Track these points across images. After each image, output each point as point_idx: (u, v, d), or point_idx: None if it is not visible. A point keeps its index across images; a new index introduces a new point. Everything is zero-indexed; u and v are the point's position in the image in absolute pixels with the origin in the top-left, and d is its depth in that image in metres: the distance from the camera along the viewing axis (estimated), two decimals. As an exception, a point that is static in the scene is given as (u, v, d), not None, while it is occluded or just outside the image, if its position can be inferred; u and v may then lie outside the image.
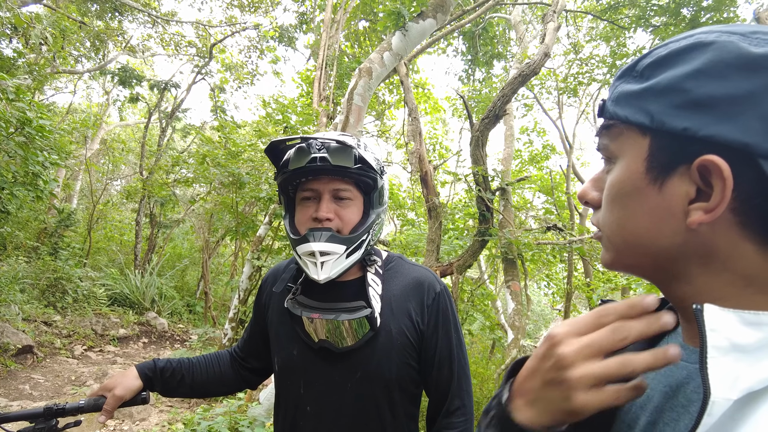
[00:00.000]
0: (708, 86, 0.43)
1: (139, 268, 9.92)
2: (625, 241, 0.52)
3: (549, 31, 5.50)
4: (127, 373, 1.21)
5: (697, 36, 0.46)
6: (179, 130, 12.93)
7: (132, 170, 14.68)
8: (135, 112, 18.02)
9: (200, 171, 6.16)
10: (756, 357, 0.40)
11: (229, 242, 10.85)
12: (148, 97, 13.19)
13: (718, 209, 0.43)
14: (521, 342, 4.94)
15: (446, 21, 5.13)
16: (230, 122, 7.64)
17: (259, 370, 1.37)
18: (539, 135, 9.89)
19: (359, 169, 1.08)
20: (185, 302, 10.30)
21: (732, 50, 0.43)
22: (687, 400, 0.47)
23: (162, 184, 9.20)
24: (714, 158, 0.42)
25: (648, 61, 0.49)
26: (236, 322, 5.37)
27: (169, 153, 11.20)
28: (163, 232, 11.51)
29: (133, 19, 11.62)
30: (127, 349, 7.22)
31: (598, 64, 8.60)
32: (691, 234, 0.46)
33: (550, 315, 13.16)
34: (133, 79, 10.75)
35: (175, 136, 13.70)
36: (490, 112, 5.01)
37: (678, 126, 0.44)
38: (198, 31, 12.26)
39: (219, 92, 12.07)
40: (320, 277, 1.06)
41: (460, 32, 8.17)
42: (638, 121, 0.48)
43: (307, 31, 10.03)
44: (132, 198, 10.69)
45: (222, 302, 9.50)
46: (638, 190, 0.49)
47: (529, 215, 7.71)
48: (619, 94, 0.51)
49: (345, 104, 3.88)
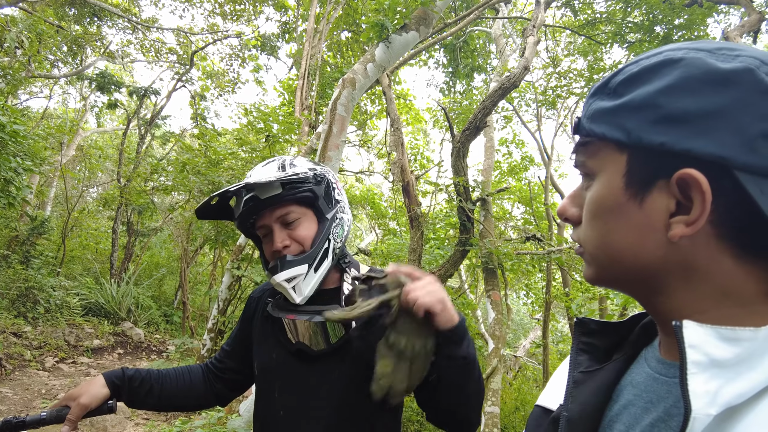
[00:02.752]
0: (681, 101, 0.44)
1: (115, 277, 9.70)
2: (607, 256, 0.52)
3: (529, 45, 5.62)
4: (94, 381, 1.16)
5: (665, 53, 0.47)
6: (159, 137, 12.76)
7: (109, 177, 14.41)
8: (113, 119, 17.73)
9: (179, 179, 6.09)
10: (734, 372, 0.40)
11: (208, 251, 10.72)
12: (127, 103, 13.01)
13: (698, 222, 0.43)
14: (501, 351, 4.98)
15: (429, 34, 5.21)
16: (211, 130, 7.58)
17: (234, 383, 1.35)
18: (518, 147, 10.04)
19: (290, 190, 1.12)
20: (162, 312, 10.09)
21: (701, 66, 0.44)
22: (667, 414, 0.47)
23: (140, 191, 9.06)
24: (692, 172, 0.42)
25: (620, 78, 0.50)
26: (215, 332, 5.29)
27: (148, 160, 11.02)
28: (141, 241, 11.30)
29: (112, 24, 11.48)
30: (102, 360, 7.04)
31: (576, 77, 8.80)
32: (672, 248, 0.46)
33: (529, 324, 13.28)
34: (111, 84, 10.60)
35: (155, 144, 13.52)
36: (470, 124, 5.08)
37: (655, 141, 0.45)
38: (179, 38, 12.18)
39: (200, 100, 11.97)
40: (297, 300, 1.12)
41: (442, 45, 8.29)
42: (615, 137, 0.48)
43: (290, 41, 10.05)
44: (109, 206, 10.50)
45: (200, 312, 9.36)
46: (618, 206, 0.49)
47: (509, 225, 7.81)
48: (594, 112, 0.51)
49: (328, 114, 3.90)
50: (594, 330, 0.63)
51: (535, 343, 10.06)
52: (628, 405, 0.52)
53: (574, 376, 0.61)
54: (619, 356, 0.60)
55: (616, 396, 0.55)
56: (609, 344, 0.63)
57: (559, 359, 10.58)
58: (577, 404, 0.58)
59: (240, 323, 1.34)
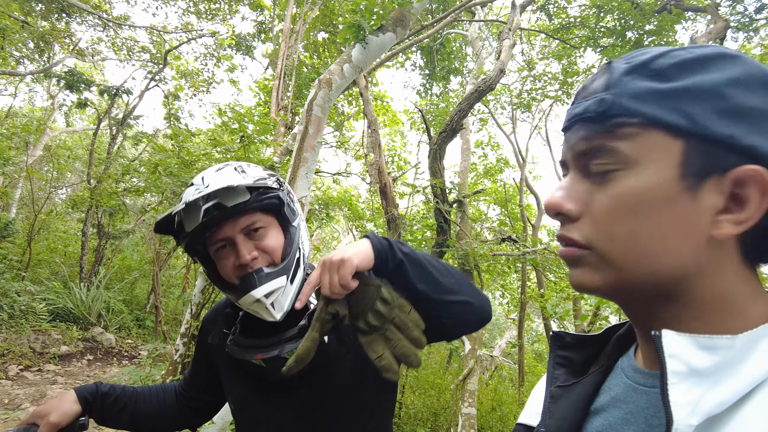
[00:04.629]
0: (746, 97, 0.42)
1: (84, 281, 9.42)
2: (631, 257, 0.46)
3: (504, 48, 5.69)
4: (65, 397, 1.10)
5: (718, 48, 0.45)
6: (130, 137, 12.48)
7: (79, 178, 14.01)
8: (83, 118, 17.26)
9: (152, 180, 5.96)
10: (713, 381, 0.40)
11: (181, 254, 10.52)
12: (98, 102, 12.66)
13: (748, 221, 0.42)
14: (478, 352, 5.01)
15: (406, 35, 5.22)
16: (184, 130, 7.44)
17: (201, 410, 1.28)
18: (494, 149, 10.16)
19: (258, 196, 1.02)
20: (135, 316, 9.85)
21: (760, 67, 0.43)
22: (648, 425, 0.46)
23: (111, 193, 8.82)
24: (759, 168, 0.41)
25: (671, 61, 0.45)
26: (188, 337, 5.19)
27: (120, 161, 10.75)
28: (112, 244, 11.02)
29: (82, 21, 11.16)
30: (70, 367, 6.82)
31: (551, 80, 8.96)
32: (705, 250, 0.44)
33: (505, 324, 13.43)
34: (81, 83, 10.29)
35: (126, 144, 13.21)
36: (447, 126, 5.11)
37: (724, 132, 0.42)
38: (152, 36, 11.91)
39: (173, 99, 11.74)
40: (277, 317, 1.00)
41: (418, 47, 8.32)
42: (674, 121, 0.44)
43: (266, 41, 9.96)
44: (78, 207, 10.19)
45: (173, 316, 9.17)
46: (669, 199, 0.44)
47: (485, 227, 7.88)
48: (639, 90, 0.45)
49: (304, 115, 3.86)
50: (570, 343, 0.63)
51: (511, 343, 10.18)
52: (608, 418, 0.51)
53: (552, 391, 0.60)
54: (595, 369, 0.59)
55: (594, 409, 0.54)
56: (585, 357, 0.62)
57: (534, 358, 10.75)
58: (554, 420, 0.57)
59: (198, 350, 1.24)
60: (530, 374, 8.85)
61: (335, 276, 0.80)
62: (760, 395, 0.39)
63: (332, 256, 0.83)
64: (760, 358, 0.40)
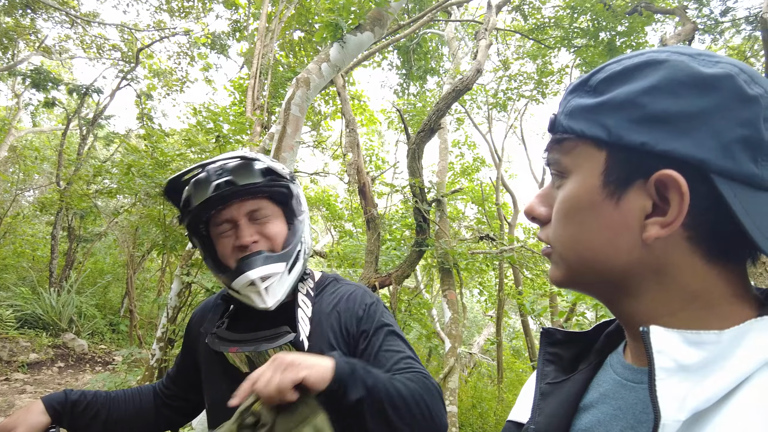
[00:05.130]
0: (663, 102, 0.43)
1: (55, 285, 9.14)
2: (579, 256, 0.51)
3: (481, 48, 5.74)
4: (32, 408, 1.05)
5: (649, 54, 0.47)
6: (102, 138, 12.13)
7: (47, 180, 13.56)
8: (51, 118, 16.73)
9: (125, 181, 5.80)
10: (700, 376, 0.40)
11: (156, 257, 10.29)
12: (67, 102, 12.29)
13: (674, 223, 0.43)
14: (458, 350, 5.05)
15: (383, 35, 5.22)
16: (158, 130, 7.28)
17: (183, 409, 1.26)
18: (470, 148, 10.25)
19: (270, 181, 1.02)
20: (108, 321, 9.60)
21: (684, 69, 0.44)
22: (636, 421, 0.47)
23: (82, 195, 8.56)
24: (672, 173, 0.42)
25: (602, 76, 0.49)
26: (165, 341, 5.07)
27: (91, 162, 10.46)
28: (83, 247, 10.71)
29: (48, 17, 10.80)
30: (39, 375, 6.61)
31: (526, 80, 9.09)
32: (644, 249, 0.46)
33: (483, 321, 13.57)
34: (48, 82, 9.96)
35: (97, 145, 12.84)
36: (425, 126, 5.13)
37: (636, 140, 0.44)
38: (123, 34, 11.62)
39: (146, 99, 11.47)
40: (269, 304, 0.98)
41: (395, 46, 8.33)
42: (594, 134, 0.47)
43: (241, 39, 9.81)
44: (47, 210, 9.86)
45: (149, 320, 8.99)
46: (594, 205, 0.48)
47: (463, 225, 7.94)
48: (573, 108, 0.50)
49: (282, 114, 3.82)
50: (560, 340, 0.63)
51: (490, 340, 10.29)
52: (597, 414, 0.52)
53: (541, 387, 0.61)
54: (585, 365, 0.60)
55: (583, 406, 0.55)
56: (575, 354, 0.63)
57: (512, 355, 10.89)
58: (544, 417, 0.57)
59: (183, 348, 1.23)
60: (508, 371, 8.95)
61: (276, 376, 0.73)
62: (746, 390, 0.39)
63: (285, 357, 0.77)
64: (746, 353, 0.41)
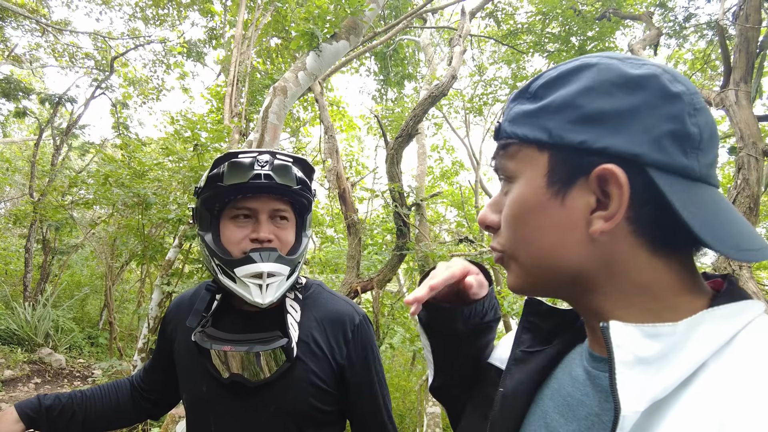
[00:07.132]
0: (598, 102, 0.46)
1: (29, 300, 8.93)
2: (530, 257, 0.52)
3: (456, 54, 5.85)
4: (4, 417, 1.04)
5: (582, 59, 0.50)
6: (76, 148, 11.92)
7: (20, 192, 13.26)
8: (22, 128, 16.36)
9: (102, 192, 5.74)
10: (657, 367, 0.42)
11: (135, 267, 10.14)
12: (39, 111, 12.06)
13: (617, 216, 0.45)
14: (439, 351, 5.09)
15: (359, 42, 5.28)
16: (134, 140, 7.21)
17: (161, 401, 1.27)
18: (449, 152, 10.36)
19: (300, 189, 1.04)
20: (86, 334, 9.41)
21: (615, 70, 0.47)
22: (601, 409, 0.49)
23: (57, 206, 8.41)
24: (611, 166, 0.44)
25: (540, 82, 0.51)
26: (146, 352, 5.03)
27: (66, 173, 10.27)
28: (59, 259, 10.48)
29: (17, 25, 10.60)
30: (15, 392, 6.46)
31: (501, 85, 9.25)
32: (593, 245, 0.47)
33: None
34: (18, 91, 9.77)
35: (72, 155, 12.61)
36: (403, 131, 5.20)
37: (575, 139, 0.46)
38: (96, 42, 11.46)
39: (121, 108, 11.32)
40: (264, 301, 0.99)
41: (373, 53, 8.41)
42: (536, 137, 0.49)
43: (217, 47, 9.78)
44: (20, 223, 9.65)
45: (129, 332, 8.84)
46: (540, 205, 0.50)
47: (443, 228, 8.04)
48: (515, 115, 0.52)
49: (260, 122, 3.85)
50: (540, 311, 0.66)
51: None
52: (563, 394, 0.55)
53: (516, 353, 0.64)
54: (558, 341, 0.62)
55: (550, 382, 0.58)
56: (552, 327, 0.65)
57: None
58: (513, 382, 0.60)
59: (158, 343, 1.23)
60: (492, 370, 9.02)
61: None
62: (700, 378, 0.41)
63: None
64: (699, 343, 0.42)
